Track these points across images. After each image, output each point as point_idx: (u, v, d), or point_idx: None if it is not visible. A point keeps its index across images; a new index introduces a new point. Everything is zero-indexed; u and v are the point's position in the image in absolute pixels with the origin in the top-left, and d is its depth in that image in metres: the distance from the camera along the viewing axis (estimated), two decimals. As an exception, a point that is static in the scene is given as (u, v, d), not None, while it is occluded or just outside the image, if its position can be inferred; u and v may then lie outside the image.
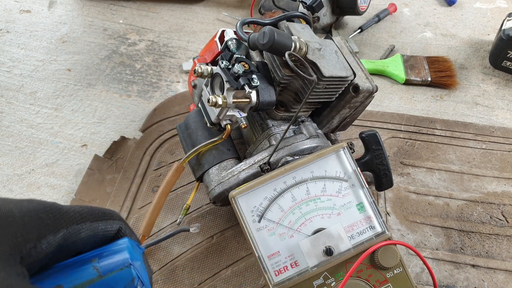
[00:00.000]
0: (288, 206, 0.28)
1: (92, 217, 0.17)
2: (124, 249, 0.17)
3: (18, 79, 0.60)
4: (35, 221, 0.14)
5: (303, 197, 0.29)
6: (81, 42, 0.65)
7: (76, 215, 0.16)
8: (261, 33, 0.31)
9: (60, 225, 0.15)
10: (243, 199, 0.28)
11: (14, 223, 0.14)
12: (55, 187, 0.48)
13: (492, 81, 0.61)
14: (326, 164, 0.29)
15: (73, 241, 0.16)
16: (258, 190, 0.28)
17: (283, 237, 0.28)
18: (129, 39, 0.66)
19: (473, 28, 0.70)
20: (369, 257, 0.28)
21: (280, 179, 0.29)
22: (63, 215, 0.15)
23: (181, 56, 0.64)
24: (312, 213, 0.29)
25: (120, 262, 0.16)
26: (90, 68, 0.61)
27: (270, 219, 0.28)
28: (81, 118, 0.55)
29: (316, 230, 0.28)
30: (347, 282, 0.27)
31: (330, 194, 0.29)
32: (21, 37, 0.66)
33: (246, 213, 0.28)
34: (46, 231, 0.15)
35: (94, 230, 0.16)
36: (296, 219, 0.28)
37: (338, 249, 0.28)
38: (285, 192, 0.29)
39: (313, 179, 0.29)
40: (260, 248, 0.28)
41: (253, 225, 0.28)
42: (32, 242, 0.14)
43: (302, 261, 0.28)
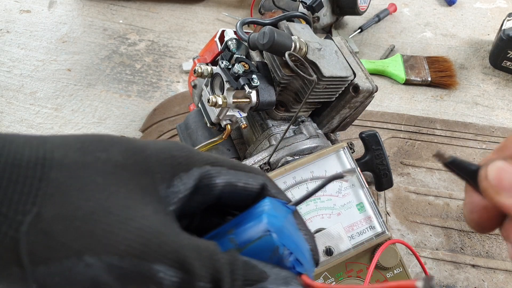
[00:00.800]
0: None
1: (229, 165, 0.14)
2: (261, 213, 0.14)
3: (18, 79, 0.60)
4: (169, 158, 0.13)
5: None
6: (81, 42, 0.65)
7: (210, 158, 0.14)
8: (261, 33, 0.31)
9: (192, 163, 0.13)
10: None
11: (151, 157, 0.13)
12: (55, 187, 0.48)
13: (492, 81, 0.61)
14: (326, 164, 0.29)
15: (207, 184, 0.13)
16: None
17: None
18: (129, 39, 0.66)
19: (473, 28, 0.69)
20: (369, 256, 0.28)
21: (280, 179, 0.29)
22: (196, 155, 0.14)
23: (181, 56, 0.64)
24: (312, 213, 0.29)
25: (257, 229, 0.13)
26: (90, 68, 0.61)
27: None
28: (81, 118, 0.55)
29: (316, 230, 0.28)
30: (347, 281, 0.27)
31: (330, 194, 0.29)
32: (21, 37, 0.66)
33: None
34: (179, 169, 0.13)
35: (231, 180, 0.14)
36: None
37: (338, 249, 0.28)
38: (285, 192, 0.29)
39: (313, 179, 0.29)
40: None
41: None
42: (166, 181, 0.13)
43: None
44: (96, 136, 0.13)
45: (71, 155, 0.12)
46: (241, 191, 0.14)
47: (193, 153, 0.14)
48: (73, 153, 0.12)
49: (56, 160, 0.11)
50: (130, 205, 0.12)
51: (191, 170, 0.13)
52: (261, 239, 0.13)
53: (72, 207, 0.11)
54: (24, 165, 0.11)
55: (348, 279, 0.28)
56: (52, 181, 0.11)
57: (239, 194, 0.14)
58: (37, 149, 0.11)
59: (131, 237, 0.11)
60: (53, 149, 0.12)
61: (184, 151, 0.14)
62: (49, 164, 0.11)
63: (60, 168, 0.11)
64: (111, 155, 0.12)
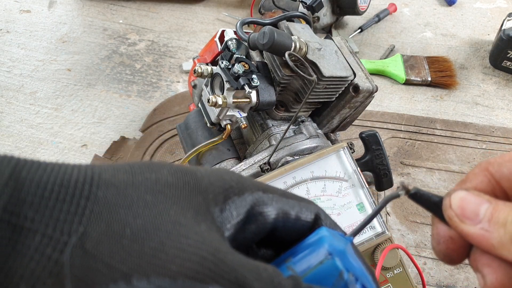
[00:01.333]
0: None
1: (280, 192, 0.14)
2: (321, 240, 0.13)
3: (18, 79, 0.60)
4: (220, 181, 0.13)
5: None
6: (81, 42, 0.65)
7: (262, 184, 0.14)
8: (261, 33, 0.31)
9: (244, 189, 0.13)
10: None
11: (203, 180, 0.12)
12: (55, 187, 0.48)
13: (492, 81, 0.61)
14: (326, 164, 0.29)
15: (260, 212, 0.13)
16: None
17: None
18: (129, 39, 0.66)
19: (473, 28, 0.69)
20: (369, 256, 0.28)
21: (280, 179, 0.29)
22: (247, 180, 0.13)
23: (181, 56, 0.64)
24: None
25: (319, 254, 0.12)
26: (90, 68, 0.61)
27: None
28: (81, 118, 0.55)
29: None
30: None
31: (330, 194, 0.29)
32: (21, 37, 0.66)
33: None
34: (232, 193, 0.13)
35: (284, 208, 0.13)
36: None
37: None
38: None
39: (313, 179, 0.29)
40: None
41: None
42: (219, 204, 0.12)
43: None
44: (145, 162, 0.13)
45: (119, 176, 0.11)
46: (295, 221, 0.14)
47: (244, 178, 0.14)
48: (122, 174, 0.12)
49: (104, 179, 0.11)
50: (182, 222, 0.11)
51: (243, 195, 0.13)
52: (323, 263, 0.12)
53: (120, 225, 0.10)
54: (72, 185, 0.10)
55: None
56: (100, 200, 0.11)
57: (293, 224, 0.14)
58: (85, 170, 0.11)
59: (183, 256, 0.10)
60: (101, 171, 0.11)
61: (235, 176, 0.13)
62: (97, 183, 0.11)
63: (108, 187, 0.11)
64: (161, 175, 0.12)
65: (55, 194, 0.10)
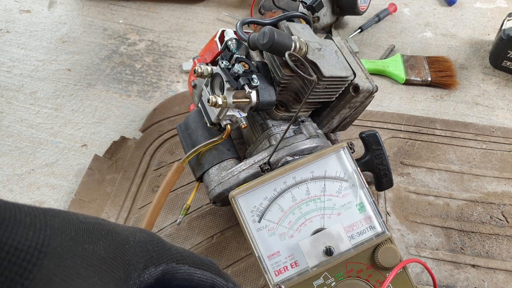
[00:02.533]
0: (288, 206, 0.28)
1: (191, 262, 0.17)
2: None
3: (18, 79, 0.60)
4: (144, 252, 0.16)
5: (303, 197, 0.29)
6: (81, 42, 0.65)
7: (177, 255, 0.17)
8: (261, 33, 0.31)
9: (162, 260, 0.16)
10: (243, 199, 0.28)
11: (129, 251, 0.15)
12: (55, 187, 0.48)
13: (492, 81, 0.61)
14: (326, 164, 0.29)
15: (169, 278, 0.17)
16: (258, 190, 0.28)
17: (283, 237, 0.28)
18: (129, 39, 0.66)
19: (473, 28, 0.69)
20: (369, 256, 0.28)
21: (280, 179, 0.29)
22: (166, 251, 0.17)
23: (181, 56, 0.64)
24: (312, 213, 0.28)
25: None
26: (90, 68, 0.61)
27: (270, 219, 0.28)
28: (81, 118, 0.55)
29: (316, 230, 0.28)
30: (346, 282, 0.27)
31: (330, 194, 0.29)
32: (21, 37, 0.66)
33: (246, 213, 0.28)
34: (150, 263, 0.16)
35: (190, 275, 0.17)
36: (296, 219, 0.28)
37: (338, 249, 0.28)
38: (285, 192, 0.29)
39: (313, 179, 0.29)
40: (260, 248, 0.27)
41: (253, 225, 0.28)
42: (138, 271, 0.15)
43: (302, 261, 0.28)
44: (90, 225, 0.15)
45: (64, 244, 0.13)
46: (196, 285, 0.17)
47: (165, 249, 0.17)
48: (67, 242, 0.14)
49: (51, 248, 0.13)
50: None
51: (159, 266, 0.16)
52: None
53: None
54: (25, 249, 0.12)
55: (348, 279, 0.28)
56: (44, 268, 0.12)
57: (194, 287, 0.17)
58: (39, 233, 0.13)
59: None
60: (51, 235, 0.13)
61: (158, 246, 0.17)
62: (45, 251, 0.13)
63: (53, 256, 0.13)
64: (97, 248, 0.15)
65: (9, 256, 0.12)
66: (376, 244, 0.28)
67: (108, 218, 0.44)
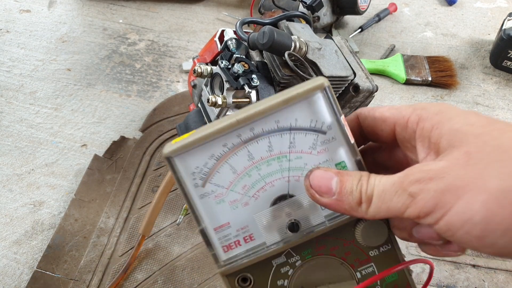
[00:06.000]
0: (242, 166, 0.21)
1: None
2: None
3: (18, 78, 0.60)
4: None
5: (264, 155, 0.21)
6: (81, 42, 0.65)
7: None
8: (261, 32, 0.31)
9: None
10: (182, 160, 0.21)
11: None
12: (55, 187, 0.48)
13: (493, 81, 0.61)
14: (297, 112, 0.21)
15: None
16: (202, 147, 0.21)
17: (235, 205, 0.21)
18: (129, 38, 0.66)
19: (473, 28, 0.69)
20: (350, 232, 0.21)
21: (232, 132, 0.21)
22: None
23: (181, 56, 0.64)
24: (274, 175, 0.21)
25: None
26: (90, 68, 0.61)
27: (218, 183, 0.21)
28: (81, 118, 0.55)
29: (279, 196, 0.21)
30: (315, 261, 0.22)
31: (300, 150, 0.21)
32: (20, 36, 0.66)
33: (186, 177, 0.21)
34: None
35: None
36: (253, 183, 0.21)
37: (308, 222, 0.21)
38: (239, 149, 0.21)
39: (278, 131, 0.21)
40: (204, 219, 0.21)
41: (195, 191, 0.21)
42: None
43: (258, 235, 0.22)
44: None
45: None
46: None
47: None
48: None
49: None
50: None
51: None
52: None
53: None
54: None
55: (318, 258, 0.22)
56: None
57: None
58: None
59: None
60: None
61: None
62: None
63: None
64: None
65: None
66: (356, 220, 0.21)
67: (108, 218, 0.44)
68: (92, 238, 0.42)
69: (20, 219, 0.45)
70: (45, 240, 0.43)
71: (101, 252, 0.41)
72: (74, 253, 0.41)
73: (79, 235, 0.43)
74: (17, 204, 0.46)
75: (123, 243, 0.42)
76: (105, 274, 0.40)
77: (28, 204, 0.46)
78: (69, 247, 0.42)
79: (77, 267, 0.40)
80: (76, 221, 0.44)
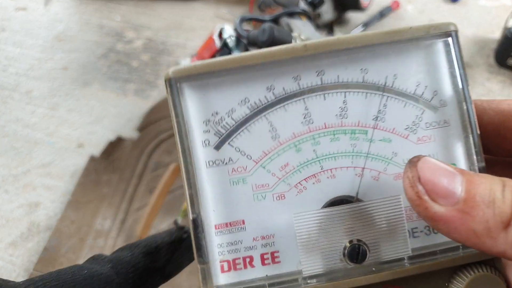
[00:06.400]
0: (291, 131, 0.13)
1: None
2: None
3: (14, 78, 0.59)
4: None
5: (330, 121, 0.13)
6: (77, 40, 0.64)
7: None
8: (261, 30, 0.30)
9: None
10: (194, 91, 0.13)
11: None
12: (51, 188, 0.47)
13: (497, 79, 0.60)
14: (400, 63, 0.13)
15: None
16: (233, 81, 0.13)
17: (261, 193, 0.13)
18: (126, 37, 0.65)
19: (477, 26, 0.68)
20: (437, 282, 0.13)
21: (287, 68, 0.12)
22: None
23: (179, 54, 0.63)
24: (340, 160, 0.13)
25: None
26: (87, 67, 0.60)
27: (243, 149, 0.13)
28: (78, 118, 0.54)
29: (339, 198, 0.13)
30: None
31: (392, 129, 0.13)
32: (16, 35, 0.65)
33: (193, 122, 0.13)
34: None
35: None
36: (300, 164, 0.13)
37: (382, 251, 0.13)
38: (293, 100, 0.13)
39: (362, 87, 0.13)
40: (204, 203, 0.13)
41: (202, 151, 0.13)
42: None
43: (288, 256, 0.13)
44: None
45: None
46: None
47: None
48: None
49: None
50: None
51: None
52: None
53: None
54: None
55: None
56: None
57: None
58: None
59: None
60: None
61: None
62: None
63: None
64: None
65: None
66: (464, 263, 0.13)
67: (104, 219, 0.43)
68: (89, 240, 0.41)
69: (16, 220, 0.44)
70: (41, 242, 0.42)
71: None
72: (70, 255, 0.40)
73: (75, 237, 0.42)
74: (13, 205, 0.45)
75: (120, 245, 0.41)
76: (102, 277, 0.39)
77: (24, 205, 0.45)
78: (66, 249, 0.41)
79: (73, 270, 0.39)
80: (72, 223, 0.43)
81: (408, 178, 0.11)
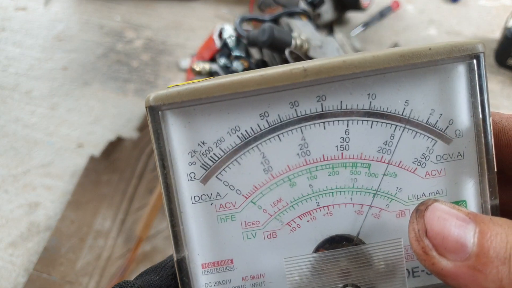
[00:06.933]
0: (285, 164, 0.12)
1: None
2: None
3: (14, 77, 0.59)
4: None
5: (331, 154, 0.12)
6: (77, 40, 0.64)
7: None
8: (261, 30, 0.30)
9: None
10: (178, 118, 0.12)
11: None
12: (51, 188, 0.47)
13: (497, 80, 0.60)
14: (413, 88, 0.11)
15: None
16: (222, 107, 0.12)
17: (251, 231, 0.12)
18: (126, 37, 0.65)
19: (477, 26, 0.68)
20: None
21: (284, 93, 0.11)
22: None
23: (179, 54, 0.63)
24: (338, 197, 0.12)
25: None
26: (87, 67, 0.60)
27: (232, 183, 0.12)
28: (77, 118, 0.54)
29: (337, 237, 0.12)
30: None
31: (398, 162, 0.12)
32: (16, 35, 0.64)
33: (177, 153, 0.12)
34: None
35: None
36: (294, 200, 0.12)
37: None
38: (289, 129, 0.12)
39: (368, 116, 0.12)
40: (190, 242, 0.12)
41: (186, 186, 0.12)
42: None
43: None
44: None
45: None
46: None
47: None
48: None
49: None
50: None
51: None
52: None
53: None
54: None
55: None
56: None
57: None
58: None
59: None
60: None
61: None
62: None
63: None
64: None
65: None
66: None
67: (104, 219, 0.43)
68: (89, 240, 0.41)
69: (16, 220, 0.44)
70: (41, 242, 0.42)
71: (98, 254, 0.40)
72: (70, 255, 0.40)
73: (75, 237, 0.42)
74: (13, 205, 0.45)
75: (120, 246, 0.41)
76: (102, 276, 0.39)
77: (23, 205, 0.45)
78: (66, 249, 0.41)
79: (73, 270, 0.39)
80: (72, 223, 0.43)
81: (414, 231, 0.10)
